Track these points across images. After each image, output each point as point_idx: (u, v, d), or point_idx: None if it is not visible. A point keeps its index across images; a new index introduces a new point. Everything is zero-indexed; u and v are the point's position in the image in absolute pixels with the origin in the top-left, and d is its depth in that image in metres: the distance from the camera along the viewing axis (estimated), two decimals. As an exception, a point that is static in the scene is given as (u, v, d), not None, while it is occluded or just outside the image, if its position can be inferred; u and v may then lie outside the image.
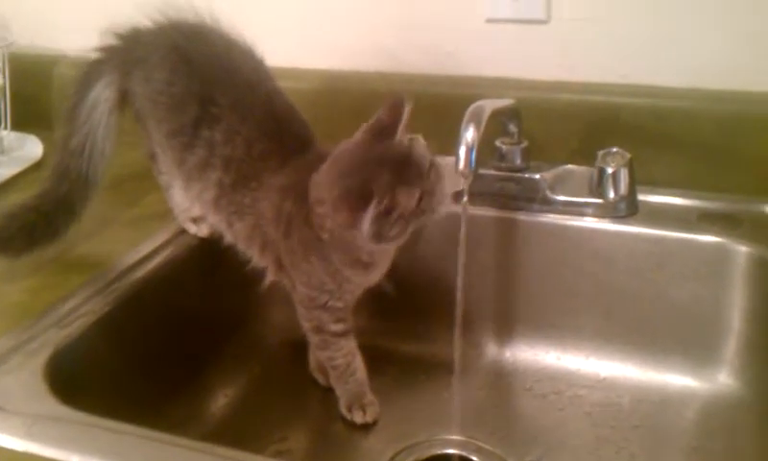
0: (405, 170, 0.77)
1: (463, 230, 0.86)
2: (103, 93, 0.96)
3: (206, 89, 0.89)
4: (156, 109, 0.93)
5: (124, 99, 0.97)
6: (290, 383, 1.03)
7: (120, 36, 0.97)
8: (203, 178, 0.89)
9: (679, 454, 0.90)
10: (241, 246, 0.92)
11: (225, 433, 0.96)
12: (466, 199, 0.86)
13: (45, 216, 0.95)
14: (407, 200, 0.77)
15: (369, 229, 0.75)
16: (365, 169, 0.77)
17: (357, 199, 0.75)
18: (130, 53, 0.95)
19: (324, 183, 0.80)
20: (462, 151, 0.82)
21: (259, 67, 0.93)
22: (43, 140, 1.27)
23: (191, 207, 1.00)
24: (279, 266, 0.90)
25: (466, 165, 0.82)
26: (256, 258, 0.91)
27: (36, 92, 1.34)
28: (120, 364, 0.87)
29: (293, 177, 0.85)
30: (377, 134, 0.79)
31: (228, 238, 0.93)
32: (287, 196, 0.85)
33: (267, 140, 0.87)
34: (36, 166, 1.22)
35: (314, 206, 0.81)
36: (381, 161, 0.77)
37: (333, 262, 0.84)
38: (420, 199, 0.78)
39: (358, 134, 0.81)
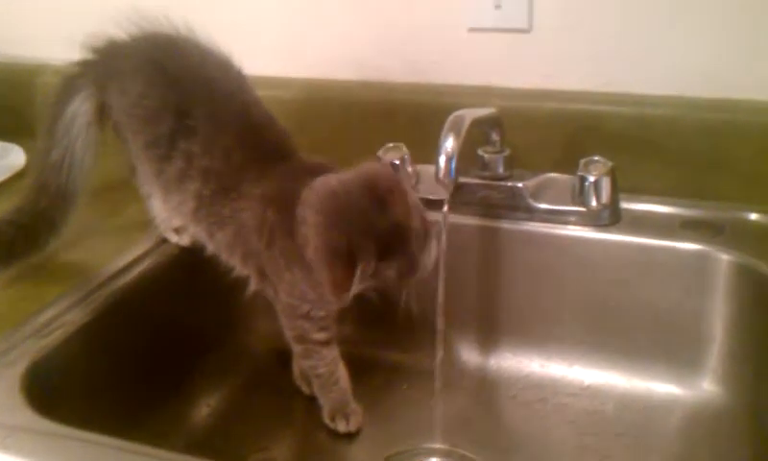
0: (392, 243, 0.77)
1: (443, 238, 0.85)
2: (81, 107, 0.96)
3: (182, 101, 0.88)
4: (131, 122, 0.93)
5: (102, 112, 0.97)
6: (273, 392, 1.02)
7: (96, 50, 0.97)
8: (181, 189, 0.89)
9: (662, 462, 0.90)
10: (223, 256, 0.91)
11: (207, 443, 0.95)
12: (446, 208, 0.86)
13: (25, 231, 0.95)
14: (387, 273, 0.78)
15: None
16: (353, 230, 0.76)
17: (342, 266, 0.76)
18: (105, 66, 0.96)
19: (311, 216, 0.79)
20: (441, 160, 0.82)
21: (236, 78, 0.93)
22: (27, 150, 1.27)
23: (171, 219, 0.99)
24: (262, 275, 0.89)
25: (446, 175, 0.82)
26: (239, 268, 0.91)
27: (19, 102, 1.34)
28: (100, 374, 0.87)
29: (274, 187, 0.85)
30: (371, 194, 0.78)
31: (210, 248, 0.92)
32: (269, 206, 0.85)
33: (245, 151, 0.87)
34: (20, 175, 1.22)
35: (300, 224, 0.81)
36: (370, 228, 0.76)
37: (315, 274, 0.84)
38: (402, 266, 0.79)
39: (353, 179, 0.80)
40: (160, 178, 0.91)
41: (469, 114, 0.85)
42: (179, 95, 0.89)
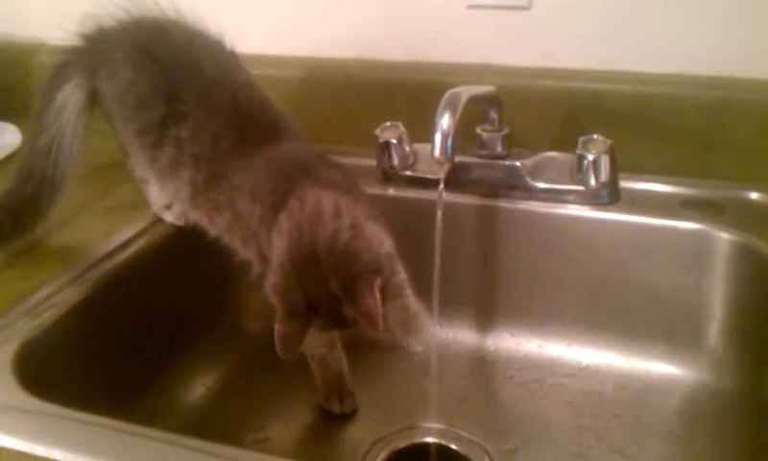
0: (349, 323, 0.75)
1: (439, 217, 0.84)
2: (72, 95, 0.95)
3: (171, 87, 0.87)
4: (122, 109, 0.92)
5: (93, 99, 0.96)
6: (270, 372, 1.02)
7: (85, 37, 0.96)
8: (175, 176, 0.88)
9: (660, 442, 0.89)
10: (225, 239, 0.90)
11: (203, 423, 0.95)
12: (442, 187, 0.85)
13: (12, 215, 0.94)
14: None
15: None
16: (315, 300, 0.74)
17: (294, 325, 0.75)
18: (95, 53, 0.95)
19: (282, 252, 0.76)
20: (437, 138, 0.81)
21: (226, 60, 0.92)
22: (22, 130, 1.26)
23: (173, 206, 0.99)
24: (263, 259, 0.88)
25: (441, 153, 0.81)
26: (241, 252, 0.90)
27: (14, 81, 1.34)
28: (94, 355, 0.87)
29: (259, 179, 0.83)
30: (346, 277, 0.73)
31: (212, 233, 0.91)
32: (255, 199, 0.83)
33: (232, 136, 0.86)
34: (15, 155, 1.20)
35: (275, 230, 0.79)
36: (333, 310, 0.74)
37: None
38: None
39: (339, 243, 0.74)
40: (154, 165, 0.90)
41: (466, 92, 0.84)
42: (168, 81, 0.88)
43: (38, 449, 0.63)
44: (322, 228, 0.74)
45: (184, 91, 0.87)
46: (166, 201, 0.99)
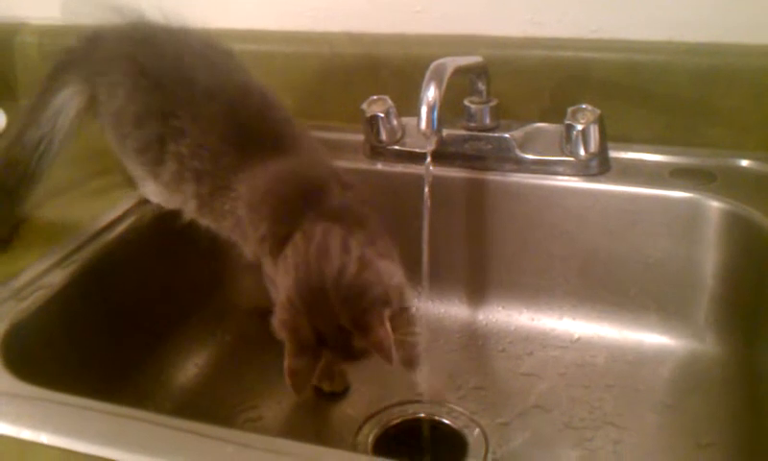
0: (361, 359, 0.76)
1: (426, 191, 0.84)
2: (71, 101, 0.95)
3: (165, 103, 0.87)
4: (121, 125, 0.91)
5: (90, 106, 0.96)
6: (261, 351, 1.00)
7: (84, 39, 0.96)
8: (180, 190, 0.88)
9: (653, 413, 0.89)
10: (232, 239, 0.89)
11: (195, 403, 0.95)
12: (429, 160, 0.84)
13: None
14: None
15: None
16: (323, 321, 0.73)
17: (309, 355, 0.74)
18: (93, 64, 0.94)
19: (288, 291, 0.75)
20: (423, 110, 0.80)
21: (221, 65, 0.91)
22: (6, 111, 1.25)
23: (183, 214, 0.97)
24: (258, 259, 0.88)
25: (428, 125, 0.80)
26: (241, 248, 0.89)
27: (-2, 62, 1.32)
28: (82, 337, 0.86)
29: (265, 190, 0.82)
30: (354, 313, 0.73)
31: (222, 234, 0.90)
32: (261, 214, 0.81)
33: (233, 151, 0.84)
34: (1, 136, 1.19)
35: (281, 258, 0.78)
36: (344, 347, 0.74)
37: None
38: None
39: (342, 280, 0.73)
40: (157, 180, 0.90)
41: (452, 62, 0.83)
42: (163, 97, 0.87)
43: (25, 433, 0.62)
44: (329, 263, 0.73)
45: (179, 106, 0.86)
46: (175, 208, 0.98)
